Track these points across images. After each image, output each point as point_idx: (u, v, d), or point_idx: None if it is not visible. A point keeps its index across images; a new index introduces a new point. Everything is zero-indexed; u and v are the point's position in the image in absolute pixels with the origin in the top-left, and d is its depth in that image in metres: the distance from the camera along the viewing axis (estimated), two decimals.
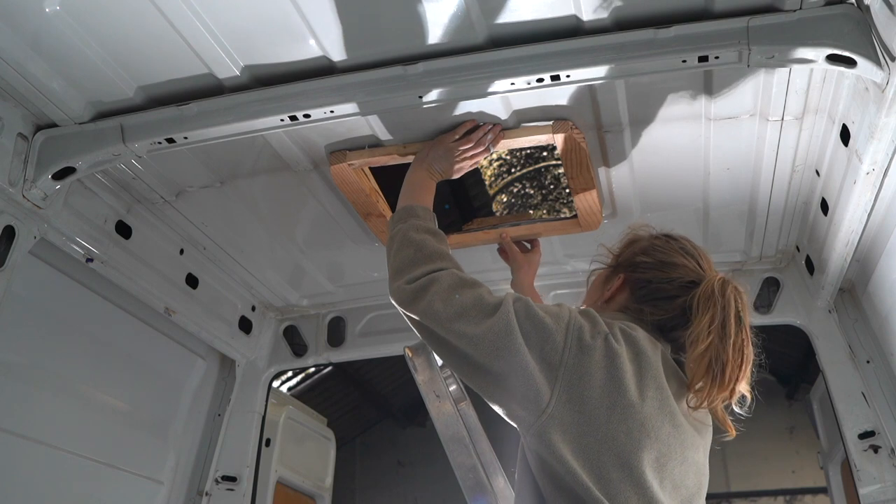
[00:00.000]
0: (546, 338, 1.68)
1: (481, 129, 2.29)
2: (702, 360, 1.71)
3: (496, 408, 1.74)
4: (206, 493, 3.15)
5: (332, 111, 2.07)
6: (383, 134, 2.36)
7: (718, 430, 1.83)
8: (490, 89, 1.99)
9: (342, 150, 2.42)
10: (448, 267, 1.90)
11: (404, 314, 1.87)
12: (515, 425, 1.71)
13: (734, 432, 1.80)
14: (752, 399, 1.75)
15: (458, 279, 1.85)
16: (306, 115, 2.08)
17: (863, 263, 2.55)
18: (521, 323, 1.70)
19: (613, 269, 1.99)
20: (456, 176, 2.32)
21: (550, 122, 2.29)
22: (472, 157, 2.30)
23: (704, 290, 1.78)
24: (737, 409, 1.77)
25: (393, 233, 2.03)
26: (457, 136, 2.29)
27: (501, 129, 2.31)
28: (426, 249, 1.93)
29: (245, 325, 3.31)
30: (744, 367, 1.72)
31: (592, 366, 1.65)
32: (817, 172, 2.39)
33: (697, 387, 1.72)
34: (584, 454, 1.61)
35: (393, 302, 1.89)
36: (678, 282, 1.86)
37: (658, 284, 1.88)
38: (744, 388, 1.75)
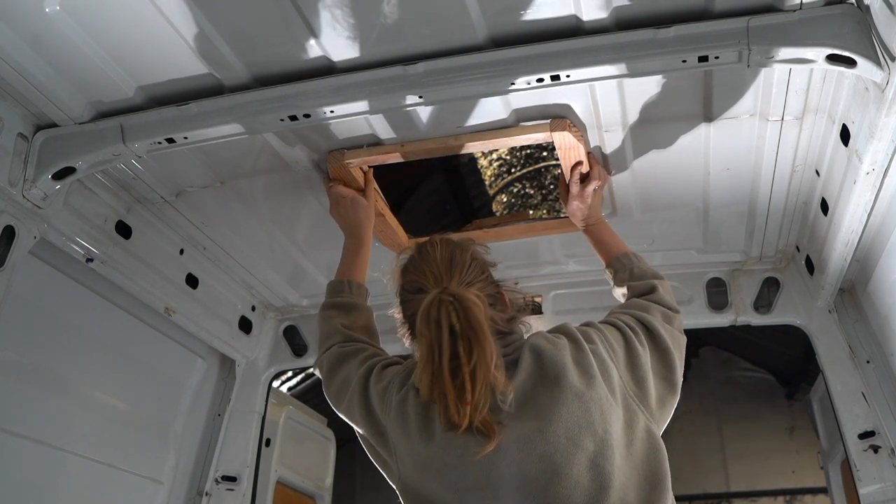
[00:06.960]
0: (376, 403, 1.83)
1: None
2: (430, 399, 1.60)
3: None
4: (206, 493, 3.15)
5: (332, 111, 2.06)
6: (383, 133, 2.36)
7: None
8: (490, 89, 1.99)
9: (341, 149, 2.42)
10: (333, 345, 2.08)
11: None
12: None
13: (494, 439, 1.58)
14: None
15: (334, 360, 2.03)
16: (306, 115, 2.08)
17: (863, 263, 2.55)
18: (361, 395, 1.87)
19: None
20: (349, 220, 2.44)
21: (548, 121, 2.29)
22: (341, 198, 2.44)
23: (417, 329, 1.61)
24: None
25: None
26: (329, 183, 2.47)
27: (371, 169, 2.48)
28: (323, 330, 2.17)
29: (245, 325, 3.31)
30: (470, 391, 1.52)
31: (400, 420, 1.75)
32: (817, 172, 2.39)
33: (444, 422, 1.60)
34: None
35: None
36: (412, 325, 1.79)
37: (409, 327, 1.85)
38: (497, 389, 1.57)
